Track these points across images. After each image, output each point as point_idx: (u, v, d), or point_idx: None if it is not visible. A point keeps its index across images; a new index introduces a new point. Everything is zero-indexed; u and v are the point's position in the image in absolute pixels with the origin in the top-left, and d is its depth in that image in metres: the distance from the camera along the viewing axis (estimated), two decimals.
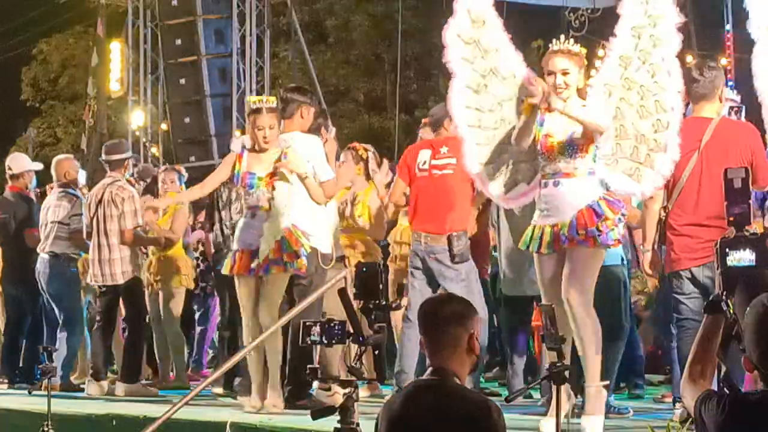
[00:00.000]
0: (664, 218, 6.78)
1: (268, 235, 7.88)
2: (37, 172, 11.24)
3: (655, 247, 6.88)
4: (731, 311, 3.73)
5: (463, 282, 8.09)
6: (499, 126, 6.84)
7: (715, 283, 6.32)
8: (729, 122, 7.00)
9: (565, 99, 6.57)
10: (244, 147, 8.06)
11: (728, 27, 18.90)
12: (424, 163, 8.37)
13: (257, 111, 7.95)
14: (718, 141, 6.66)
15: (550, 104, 6.47)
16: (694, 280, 6.64)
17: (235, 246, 8.07)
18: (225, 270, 8.11)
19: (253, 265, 7.87)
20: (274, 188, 7.90)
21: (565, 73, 6.56)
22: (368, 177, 9.53)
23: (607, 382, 6.82)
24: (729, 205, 3.94)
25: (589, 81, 6.70)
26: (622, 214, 6.59)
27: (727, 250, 3.79)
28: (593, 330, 6.56)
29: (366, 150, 9.60)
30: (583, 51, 6.67)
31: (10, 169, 11.04)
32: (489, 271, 9.68)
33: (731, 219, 3.90)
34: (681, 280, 6.71)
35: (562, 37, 6.66)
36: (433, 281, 8.24)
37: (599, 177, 6.60)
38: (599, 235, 6.50)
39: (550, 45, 6.68)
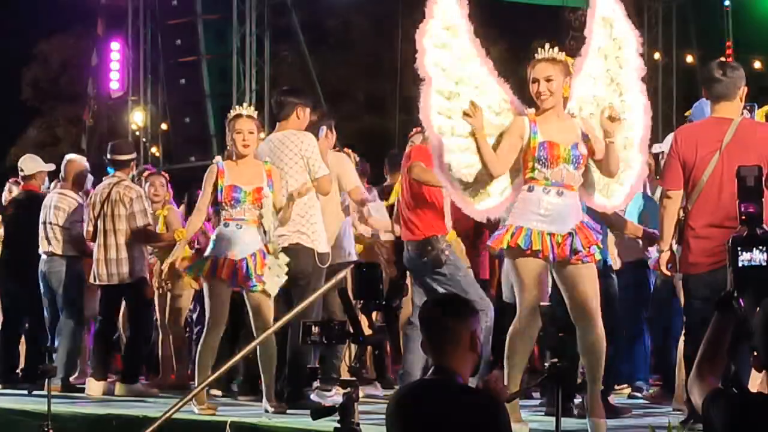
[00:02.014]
0: (683, 219, 6.74)
1: (254, 249, 7.87)
2: (49, 173, 11.27)
3: (673, 247, 6.85)
4: (742, 310, 3.72)
5: (450, 283, 8.07)
6: (471, 135, 6.67)
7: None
8: (750, 123, 6.95)
9: (549, 107, 6.58)
10: (220, 161, 8.03)
11: (728, 27, 18.91)
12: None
13: (237, 116, 7.94)
14: (738, 142, 6.62)
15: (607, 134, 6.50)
16: (711, 284, 6.58)
17: (214, 253, 7.91)
18: (197, 272, 8.09)
19: (239, 277, 7.83)
20: (261, 205, 7.89)
21: (548, 80, 6.57)
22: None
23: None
24: (741, 204, 3.92)
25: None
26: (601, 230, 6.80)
27: (738, 249, 3.78)
28: (604, 345, 6.61)
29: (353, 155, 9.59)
30: (570, 60, 6.69)
31: (22, 170, 11.03)
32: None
33: (743, 218, 3.89)
34: (696, 284, 6.67)
35: (547, 45, 6.67)
36: (427, 285, 8.24)
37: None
38: (599, 251, 6.61)
39: (536, 54, 6.68)
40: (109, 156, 10.20)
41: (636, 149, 6.71)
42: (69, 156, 10.98)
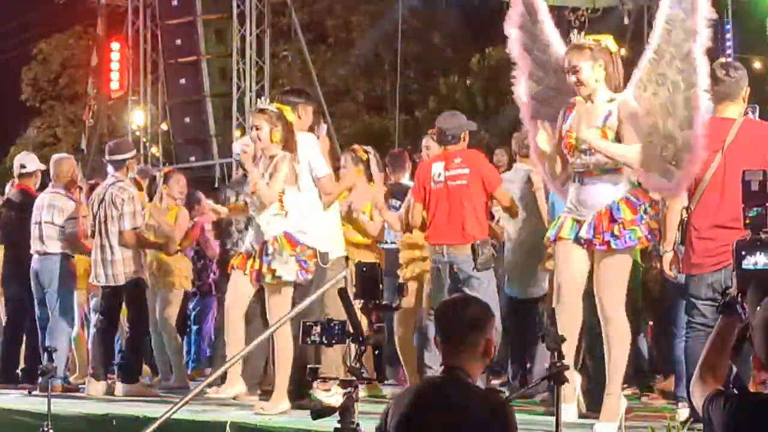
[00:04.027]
0: (686, 219, 6.71)
1: (256, 242, 7.96)
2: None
3: (676, 248, 6.82)
4: (745, 313, 3.72)
5: (484, 288, 8.17)
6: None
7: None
8: (752, 123, 6.91)
9: (585, 95, 6.54)
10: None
11: (728, 27, 18.89)
12: (439, 175, 8.49)
13: (252, 113, 8.06)
14: (741, 142, 6.59)
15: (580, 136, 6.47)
16: (713, 284, 6.56)
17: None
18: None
19: (248, 268, 7.95)
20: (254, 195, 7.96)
21: (575, 71, 6.54)
22: (369, 179, 9.52)
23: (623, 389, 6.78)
24: (746, 208, 3.92)
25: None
26: (644, 211, 6.54)
27: (742, 252, 3.78)
28: (623, 336, 6.56)
29: (366, 152, 9.59)
30: (603, 41, 6.60)
31: (23, 167, 10.94)
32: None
33: (747, 221, 3.89)
34: (699, 284, 6.65)
35: (575, 32, 6.66)
36: (454, 291, 8.25)
37: (626, 174, 6.58)
38: (615, 240, 6.49)
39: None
40: (107, 156, 10.18)
41: (694, 130, 6.51)
42: (57, 156, 10.92)
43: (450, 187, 8.41)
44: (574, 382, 6.61)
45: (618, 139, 6.52)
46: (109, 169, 10.17)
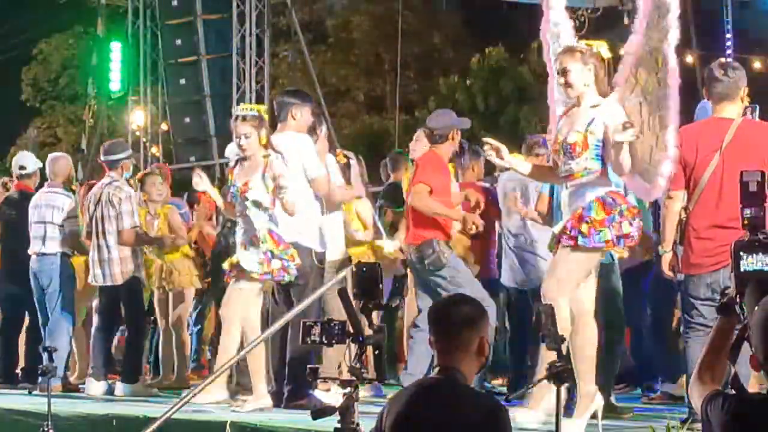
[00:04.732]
0: (684, 219, 6.70)
1: (239, 242, 8.03)
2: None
3: (674, 248, 6.81)
4: (744, 314, 3.73)
5: (452, 286, 8.13)
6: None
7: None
8: (751, 123, 6.91)
9: (572, 97, 6.54)
10: (236, 160, 8.18)
11: (728, 27, 18.91)
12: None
13: (236, 119, 8.08)
14: (739, 142, 6.59)
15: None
16: (712, 285, 6.56)
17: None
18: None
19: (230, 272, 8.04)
20: (246, 198, 7.95)
21: (564, 73, 6.53)
22: (348, 183, 9.50)
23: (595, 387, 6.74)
24: (744, 208, 3.92)
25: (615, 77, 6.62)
26: (619, 213, 6.46)
27: (741, 253, 3.78)
28: (584, 334, 6.51)
29: (346, 157, 9.55)
30: (594, 46, 6.59)
31: (23, 168, 10.93)
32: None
33: (746, 222, 3.89)
34: (698, 284, 6.65)
35: (574, 32, 6.69)
36: (428, 287, 8.30)
37: (604, 177, 6.52)
38: (584, 238, 6.41)
39: None
40: (102, 157, 10.18)
41: (670, 130, 6.45)
42: (53, 154, 10.93)
43: (410, 189, 8.52)
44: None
45: (605, 143, 6.50)
46: (105, 169, 10.18)
